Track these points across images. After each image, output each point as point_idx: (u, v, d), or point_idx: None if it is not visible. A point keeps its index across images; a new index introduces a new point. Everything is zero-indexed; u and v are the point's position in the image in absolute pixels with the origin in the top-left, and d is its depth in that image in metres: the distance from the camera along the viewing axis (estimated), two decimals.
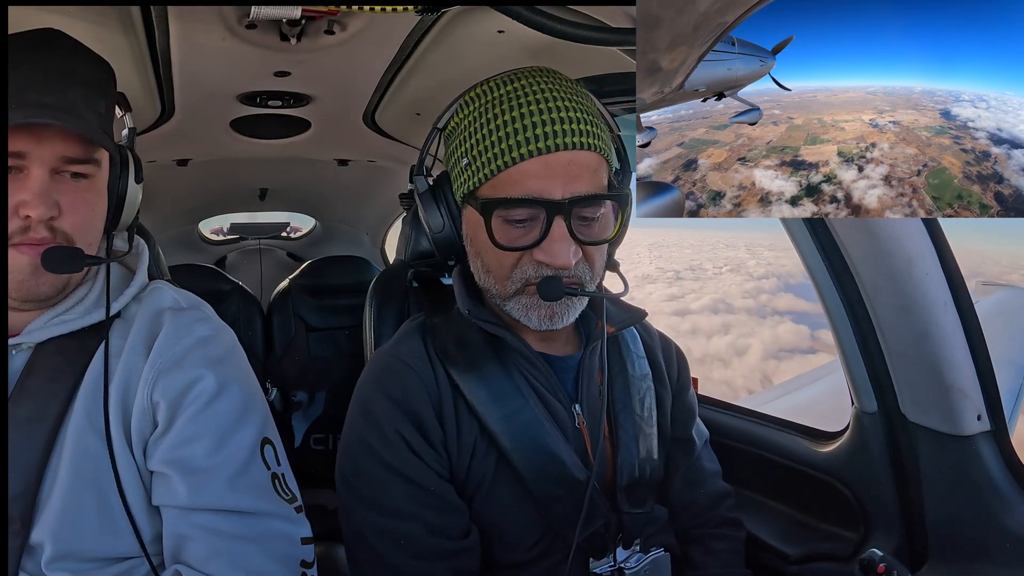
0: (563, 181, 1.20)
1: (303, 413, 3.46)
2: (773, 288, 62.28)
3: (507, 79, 1.26)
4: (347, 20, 1.50)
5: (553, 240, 1.20)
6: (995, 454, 1.39)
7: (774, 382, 39.74)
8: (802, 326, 50.96)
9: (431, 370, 1.33)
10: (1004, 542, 1.34)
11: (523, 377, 1.34)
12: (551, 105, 1.21)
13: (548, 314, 1.27)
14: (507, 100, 1.23)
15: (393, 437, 1.27)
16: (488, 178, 1.23)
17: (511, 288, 1.27)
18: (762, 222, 1.16)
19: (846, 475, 1.61)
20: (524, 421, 1.30)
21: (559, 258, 1.21)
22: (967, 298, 1.36)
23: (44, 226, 1.10)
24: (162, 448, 1.15)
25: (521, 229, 1.23)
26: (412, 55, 1.72)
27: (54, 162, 1.10)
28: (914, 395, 1.44)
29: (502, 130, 1.21)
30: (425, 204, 1.32)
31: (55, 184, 1.10)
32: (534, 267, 1.23)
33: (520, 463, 1.29)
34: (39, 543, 1.10)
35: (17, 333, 1.16)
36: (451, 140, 1.31)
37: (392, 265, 2.03)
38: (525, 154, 1.19)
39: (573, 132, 1.20)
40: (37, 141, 1.07)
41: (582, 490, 1.30)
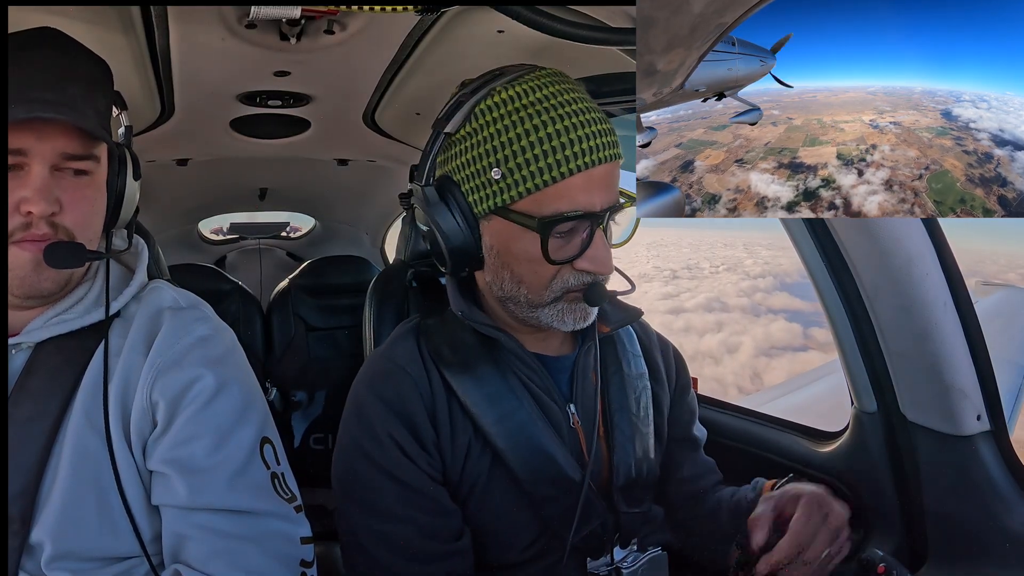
0: (604, 192, 1.23)
1: (303, 413, 3.46)
2: (769, 287, 62.35)
3: (527, 88, 1.23)
4: (347, 20, 1.50)
5: (597, 249, 1.24)
6: (995, 454, 1.39)
7: (764, 379, 39.73)
8: (795, 324, 51.00)
9: (424, 372, 1.33)
10: (1004, 542, 1.34)
11: (517, 378, 1.34)
12: (586, 118, 1.22)
13: (583, 316, 1.30)
14: (543, 112, 1.21)
15: (385, 440, 1.28)
16: (530, 192, 1.21)
17: (549, 297, 1.27)
18: (762, 222, 1.16)
19: (846, 475, 1.61)
20: (518, 422, 1.31)
21: (606, 266, 1.26)
22: (967, 298, 1.36)
23: (46, 222, 1.10)
24: (161, 448, 1.15)
25: (562, 240, 1.23)
26: (412, 55, 1.72)
27: (55, 158, 1.10)
28: (914, 395, 1.44)
29: (546, 143, 1.19)
30: (437, 213, 1.27)
31: (56, 180, 1.10)
32: (575, 276, 1.25)
33: (515, 464, 1.29)
34: (39, 543, 1.10)
35: (17, 332, 1.16)
36: (467, 148, 1.26)
37: (392, 265, 2.03)
38: (573, 169, 1.20)
39: (609, 144, 1.23)
40: (38, 137, 1.07)
41: (577, 490, 1.31)
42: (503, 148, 1.22)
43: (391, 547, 1.26)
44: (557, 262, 1.23)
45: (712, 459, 1.62)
